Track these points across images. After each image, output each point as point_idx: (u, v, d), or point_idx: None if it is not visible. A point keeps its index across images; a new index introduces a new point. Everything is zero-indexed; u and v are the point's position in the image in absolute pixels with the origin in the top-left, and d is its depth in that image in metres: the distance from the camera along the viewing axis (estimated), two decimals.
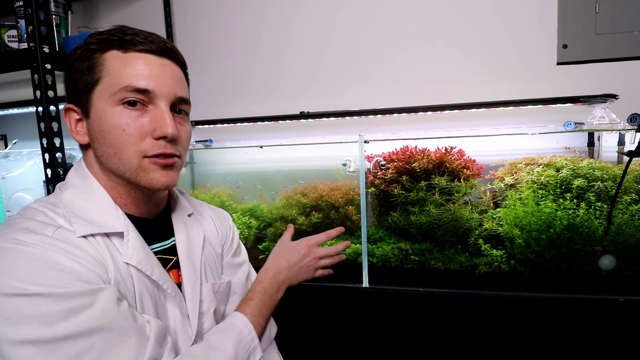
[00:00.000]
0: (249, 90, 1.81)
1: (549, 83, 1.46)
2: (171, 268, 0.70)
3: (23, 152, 1.91)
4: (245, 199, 1.78)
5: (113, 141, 0.61)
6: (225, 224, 0.88)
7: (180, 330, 0.66)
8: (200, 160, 1.90)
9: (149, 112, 0.62)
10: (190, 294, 0.69)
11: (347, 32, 1.66)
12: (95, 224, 0.61)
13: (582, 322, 1.11)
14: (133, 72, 0.61)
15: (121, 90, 0.60)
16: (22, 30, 1.33)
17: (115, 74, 0.60)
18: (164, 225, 0.73)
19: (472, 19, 1.52)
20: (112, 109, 0.61)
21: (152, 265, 0.64)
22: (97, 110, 0.62)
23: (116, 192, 0.66)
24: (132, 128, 0.61)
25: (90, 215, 0.61)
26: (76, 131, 0.65)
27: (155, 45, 0.63)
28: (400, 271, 1.33)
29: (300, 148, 1.70)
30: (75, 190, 0.64)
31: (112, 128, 0.60)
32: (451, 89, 1.56)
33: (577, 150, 1.41)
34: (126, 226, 0.63)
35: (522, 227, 1.22)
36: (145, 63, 0.62)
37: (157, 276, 0.64)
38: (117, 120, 0.60)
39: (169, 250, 0.72)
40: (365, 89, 1.67)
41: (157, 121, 0.62)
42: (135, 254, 0.62)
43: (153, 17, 1.85)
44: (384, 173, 1.43)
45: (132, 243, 0.63)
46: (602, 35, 1.39)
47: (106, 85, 0.61)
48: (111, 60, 0.61)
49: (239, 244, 0.90)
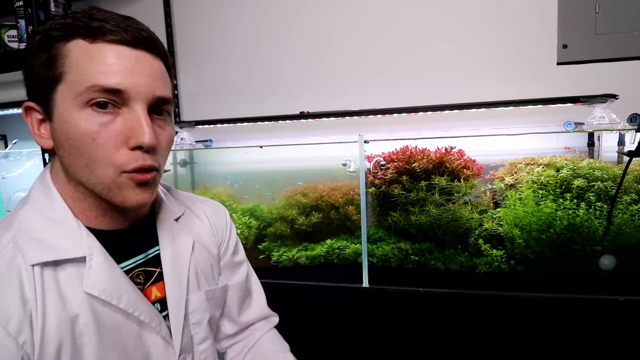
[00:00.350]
0: (249, 90, 1.81)
1: (549, 83, 1.46)
2: (156, 281, 0.64)
3: (23, 152, 1.91)
4: (245, 198, 1.78)
5: (83, 151, 0.51)
6: (222, 220, 0.80)
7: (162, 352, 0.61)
8: (200, 160, 1.90)
9: (122, 115, 0.52)
10: (174, 309, 0.64)
11: (348, 32, 1.66)
12: (51, 248, 0.53)
13: (582, 322, 1.11)
14: (101, 68, 0.50)
15: (88, 90, 0.50)
16: (22, 30, 1.33)
17: (81, 69, 0.50)
18: (147, 233, 0.65)
19: (472, 19, 1.52)
20: (79, 112, 0.51)
21: (119, 292, 0.56)
22: (61, 113, 0.51)
23: (85, 204, 0.57)
24: (104, 137, 0.51)
25: (48, 239, 0.53)
26: (39, 134, 0.55)
27: (128, 35, 0.52)
28: (400, 271, 1.33)
29: (300, 148, 1.70)
30: (35, 206, 0.56)
31: (79, 136, 0.51)
32: (451, 89, 1.56)
33: (577, 150, 1.41)
34: (90, 248, 0.55)
35: (522, 227, 1.22)
36: (116, 56, 0.51)
37: (126, 304, 0.56)
38: (84, 127, 0.50)
39: (152, 261, 0.64)
40: (365, 89, 1.66)
41: (132, 128, 0.52)
42: (98, 281, 0.54)
43: (153, 17, 1.85)
44: (384, 173, 1.43)
45: (95, 269, 0.54)
46: (602, 35, 1.39)
47: (70, 84, 0.50)
48: (76, 51, 0.50)
49: (237, 240, 0.83)
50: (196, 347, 0.68)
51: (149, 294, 0.63)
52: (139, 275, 0.63)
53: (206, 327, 0.69)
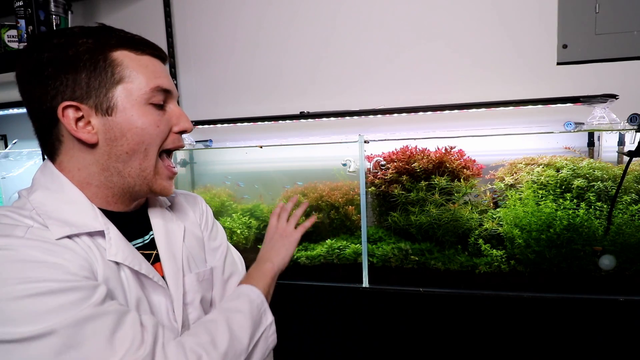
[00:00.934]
0: (249, 90, 1.81)
1: (549, 83, 1.46)
2: (152, 262, 0.70)
3: (23, 152, 1.91)
4: (245, 198, 1.78)
5: (146, 137, 0.64)
6: (198, 209, 0.86)
7: (167, 324, 0.67)
8: (200, 160, 1.90)
9: (167, 110, 0.68)
10: (173, 286, 0.69)
11: (347, 32, 1.66)
12: (72, 224, 0.59)
13: (582, 322, 1.11)
14: (155, 75, 0.65)
15: (151, 91, 0.64)
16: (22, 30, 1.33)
17: (141, 75, 0.64)
18: (143, 220, 0.73)
19: (472, 19, 1.52)
20: (144, 107, 0.64)
21: (138, 260, 0.64)
22: (126, 109, 0.63)
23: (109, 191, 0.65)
24: (163, 125, 0.66)
25: (65, 216, 0.59)
26: (81, 130, 0.61)
27: (156, 51, 0.68)
28: (400, 271, 1.33)
29: (300, 148, 1.70)
30: (45, 192, 0.62)
31: (147, 125, 0.64)
32: (451, 89, 1.56)
33: (577, 150, 1.41)
34: (105, 224, 0.63)
35: (522, 227, 1.22)
36: (160, 67, 0.68)
37: (146, 270, 0.64)
38: (150, 119, 0.64)
39: (149, 245, 0.71)
40: (365, 89, 1.67)
41: (178, 118, 0.69)
42: (119, 251, 0.62)
43: (153, 17, 1.85)
44: (384, 173, 1.43)
45: (114, 240, 0.62)
46: (602, 35, 1.39)
47: (133, 85, 0.63)
48: (128, 61, 0.63)
49: (213, 225, 0.88)
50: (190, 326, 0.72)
51: None
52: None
53: (199, 307, 0.74)
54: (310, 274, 1.39)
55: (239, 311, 0.68)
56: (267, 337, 0.71)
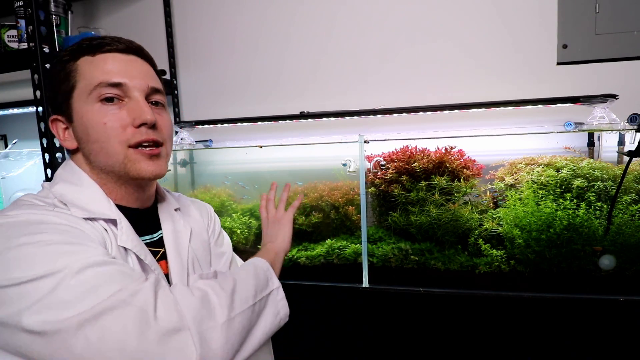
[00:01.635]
0: (249, 90, 1.81)
1: (549, 83, 1.46)
2: (159, 260, 0.72)
3: (23, 152, 1.91)
4: (244, 198, 1.78)
5: (97, 136, 0.64)
6: (206, 214, 0.90)
7: None
8: (200, 160, 1.90)
9: (126, 104, 0.65)
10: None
11: (347, 32, 1.66)
12: (89, 211, 0.63)
13: (582, 322, 1.11)
14: (104, 70, 0.64)
15: (96, 87, 0.63)
16: (22, 30, 1.33)
17: (88, 75, 0.64)
18: (152, 218, 0.76)
19: (472, 19, 1.52)
20: (91, 107, 0.64)
21: (144, 251, 0.66)
22: (78, 113, 0.65)
23: (106, 188, 0.68)
24: (113, 120, 0.64)
25: (83, 204, 0.63)
26: (64, 139, 0.68)
27: (121, 45, 0.67)
28: (400, 271, 1.33)
29: (300, 148, 1.70)
30: (66, 184, 0.66)
31: (94, 124, 0.64)
32: (451, 89, 1.56)
33: (577, 150, 1.41)
34: (118, 215, 0.66)
35: (522, 227, 1.22)
36: (113, 61, 0.66)
37: (150, 262, 0.66)
38: (97, 117, 0.63)
39: (157, 243, 0.73)
40: (365, 89, 1.67)
41: (135, 110, 0.65)
42: (129, 239, 0.65)
43: (153, 17, 1.85)
44: (384, 173, 1.43)
45: (125, 229, 0.65)
46: (602, 35, 1.39)
47: (82, 88, 0.64)
48: (83, 65, 0.65)
49: (220, 233, 0.92)
50: None
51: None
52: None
53: None
54: (310, 274, 1.39)
55: (244, 269, 0.70)
56: (276, 301, 0.71)
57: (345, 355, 1.31)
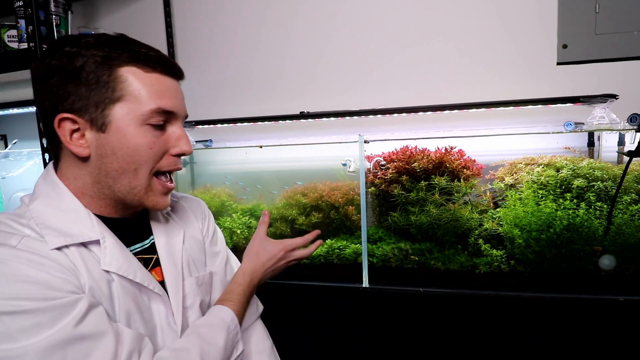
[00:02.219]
0: (249, 90, 1.81)
1: (549, 83, 1.46)
2: (153, 267, 0.71)
3: (23, 152, 1.91)
4: (244, 198, 1.78)
5: (137, 158, 0.63)
6: (200, 213, 0.87)
7: (166, 328, 0.68)
8: (200, 160, 1.90)
9: (167, 131, 0.66)
10: (173, 291, 0.70)
11: (347, 32, 1.66)
12: (68, 234, 0.59)
13: (582, 322, 1.11)
14: (160, 94, 0.63)
15: (151, 112, 0.62)
16: (22, 30, 1.33)
17: (141, 94, 0.62)
18: (143, 225, 0.73)
19: (472, 19, 1.52)
20: (139, 128, 0.62)
21: (133, 268, 0.64)
22: (120, 128, 0.61)
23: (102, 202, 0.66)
24: (158, 146, 0.64)
25: (62, 226, 0.60)
26: (74, 143, 0.62)
27: (170, 67, 0.66)
28: (400, 271, 1.33)
29: (300, 148, 1.70)
30: (45, 200, 0.62)
31: (138, 147, 0.62)
32: (451, 88, 1.56)
33: (577, 150, 1.41)
34: (101, 232, 0.63)
35: (522, 227, 1.22)
36: (168, 86, 0.65)
37: (141, 278, 0.64)
38: (144, 140, 0.63)
39: (149, 250, 0.72)
40: (365, 89, 1.67)
41: (177, 139, 0.66)
42: (114, 260, 0.62)
43: (153, 17, 1.85)
44: (384, 173, 1.43)
45: (109, 250, 0.62)
46: (602, 35, 1.39)
47: (132, 104, 0.61)
48: (132, 78, 0.61)
49: (214, 231, 0.89)
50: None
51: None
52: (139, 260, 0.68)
53: (198, 310, 0.74)
54: (310, 274, 1.39)
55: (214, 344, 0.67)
56: None
57: (345, 355, 1.30)
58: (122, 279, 0.62)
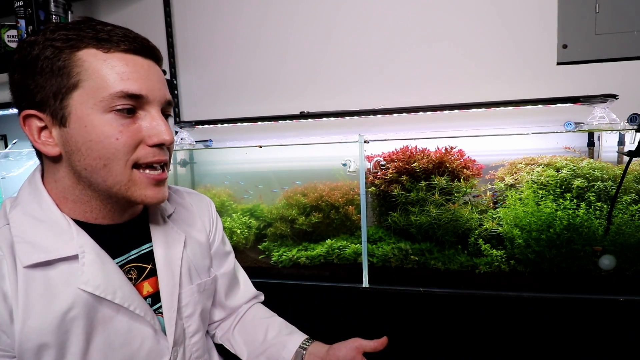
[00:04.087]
0: (249, 90, 1.81)
1: (549, 83, 1.46)
2: (147, 277, 0.66)
3: (23, 152, 1.91)
4: (244, 198, 1.78)
5: (103, 152, 0.54)
6: (208, 213, 0.83)
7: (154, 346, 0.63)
8: (200, 160, 1.90)
9: (140, 118, 0.57)
10: (167, 303, 0.66)
11: (347, 32, 1.66)
12: (44, 249, 0.55)
13: (582, 322, 1.11)
14: (124, 76, 0.54)
15: (112, 96, 0.53)
16: (22, 30, 1.33)
17: (100, 77, 0.53)
18: (140, 230, 0.68)
19: (472, 19, 1.52)
20: (102, 117, 0.54)
21: (113, 287, 0.58)
22: (80, 119, 0.54)
23: (87, 206, 0.60)
24: (127, 136, 0.55)
25: (39, 239, 0.55)
26: (42, 141, 0.56)
27: (137, 44, 0.57)
28: (400, 271, 1.33)
29: (300, 148, 1.70)
30: (25, 208, 0.58)
31: (102, 138, 0.54)
32: (451, 89, 1.56)
33: (577, 150, 1.41)
34: (81, 246, 0.57)
35: (522, 227, 1.22)
36: (134, 66, 0.56)
37: (121, 299, 0.59)
38: (108, 129, 0.54)
39: (145, 257, 0.67)
40: (365, 89, 1.67)
41: (153, 128, 0.57)
42: (91, 278, 0.56)
43: (153, 17, 1.85)
44: (384, 173, 1.43)
45: (87, 267, 0.56)
46: (602, 35, 1.39)
47: (90, 90, 0.53)
48: (91, 60, 0.54)
49: (223, 232, 0.86)
50: (188, 340, 0.70)
51: (140, 289, 0.65)
52: (130, 270, 0.64)
53: (198, 319, 0.71)
54: (310, 274, 1.39)
55: None
56: None
57: None
58: (100, 299, 0.57)
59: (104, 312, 0.58)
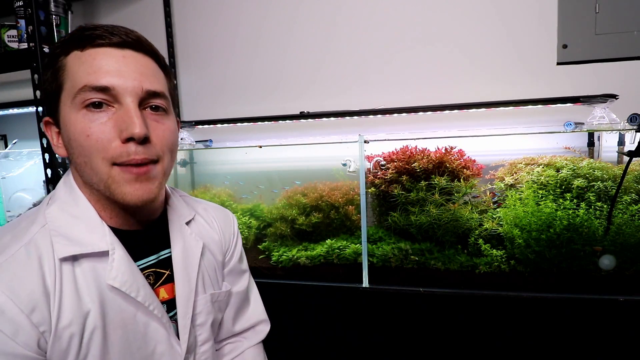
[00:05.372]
0: (249, 90, 1.81)
1: (549, 83, 1.46)
2: (164, 282, 0.66)
3: (23, 152, 1.91)
4: (244, 197, 1.78)
5: (80, 149, 0.55)
6: (230, 228, 0.83)
7: (167, 351, 0.64)
8: (200, 160, 1.90)
9: (115, 112, 0.55)
10: (183, 310, 0.66)
11: (348, 32, 1.66)
12: (79, 242, 0.56)
13: (582, 322, 1.11)
14: (90, 70, 0.54)
15: (80, 91, 0.54)
16: (22, 30, 1.33)
17: (74, 75, 0.54)
18: (158, 235, 0.68)
19: (472, 19, 1.52)
20: (76, 114, 0.54)
21: (137, 285, 0.59)
22: (64, 119, 0.56)
23: (100, 205, 0.61)
24: (97, 132, 0.54)
25: (74, 234, 0.57)
26: (56, 145, 0.60)
27: (115, 38, 0.55)
28: (400, 271, 1.33)
29: (300, 148, 1.70)
30: (61, 205, 0.60)
31: (77, 135, 0.54)
32: (451, 89, 1.56)
33: (577, 150, 1.41)
34: (112, 244, 0.59)
35: (522, 227, 1.22)
36: (104, 57, 0.55)
37: (143, 297, 0.60)
38: (80, 126, 0.54)
39: (163, 263, 0.67)
40: (365, 89, 1.67)
41: (123, 121, 0.54)
42: (119, 274, 0.58)
43: (153, 17, 1.85)
44: (384, 173, 1.43)
45: (117, 263, 0.58)
46: (602, 35, 1.39)
47: (68, 90, 0.55)
48: (72, 61, 0.55)
49: (242, 249, 0.86)
50: (198, 348, 0.70)
51: (157, 294, 0.65)
52: (149, 275, 0.65)
53: (209, 328, 0.71)
54: (310, 274, 1.39)
55: None
56: None
57: (346, 355, 1.30)
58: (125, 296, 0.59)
59: (126, 310, 0.59)
